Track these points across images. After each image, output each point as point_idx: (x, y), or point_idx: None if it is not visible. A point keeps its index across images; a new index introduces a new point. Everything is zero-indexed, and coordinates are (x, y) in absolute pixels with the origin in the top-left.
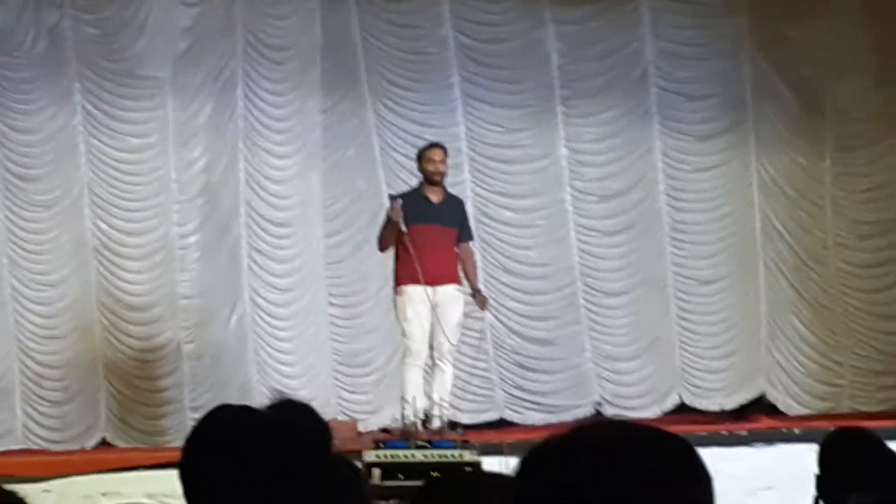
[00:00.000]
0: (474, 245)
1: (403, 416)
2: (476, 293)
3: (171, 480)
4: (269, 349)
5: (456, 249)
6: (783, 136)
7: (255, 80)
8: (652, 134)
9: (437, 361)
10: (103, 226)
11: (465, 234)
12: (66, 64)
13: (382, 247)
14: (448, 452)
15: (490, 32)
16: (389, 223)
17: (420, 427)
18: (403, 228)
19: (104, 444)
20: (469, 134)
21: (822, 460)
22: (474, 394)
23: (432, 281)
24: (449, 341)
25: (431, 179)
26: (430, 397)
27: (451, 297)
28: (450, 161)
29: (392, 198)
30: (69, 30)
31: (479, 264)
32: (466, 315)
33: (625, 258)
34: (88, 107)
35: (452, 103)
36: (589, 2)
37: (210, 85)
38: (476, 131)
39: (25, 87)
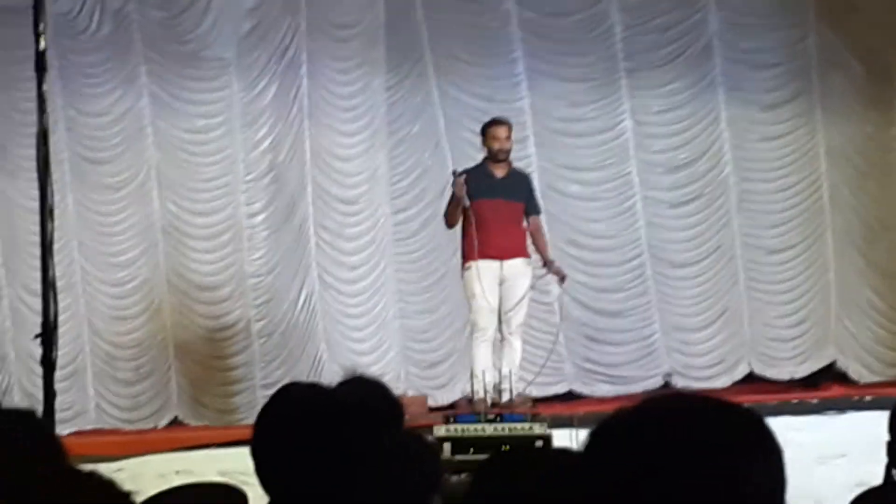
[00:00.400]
0: (543, 219)
1: (473, 391)
2: (549, 265)
3: (243, 458)
4: (338, 326)
5: (524, 224)
6: (849, 104)
7: (320, 59)
8: (717, 104)
9: (507, 335)
10: (172, 207)
11: (532, 208)
12: (131, 47)
13: (449, 222)
14: (518, 425)
15: (553, 5)
16: (454, 198)
17: (490, 401)
18: (467, 203)
19: (176, 422)
20: (534, 108)
21: (893, 426)
22: (544, 367)
23: (499, 255)
24: (518, 315)
25: (496, 157)
26: (499, 371)
27: (519, 271)
28: (514, 136)
29: (455, 174)
30: (134, 13)
31: (547, 238)
32: (535, 288)
33: (692, 229)
34: (155, 89)
35: (516, 78)
36: None
37: (275, 64)
38: (540, 105)
39: (91, 71)
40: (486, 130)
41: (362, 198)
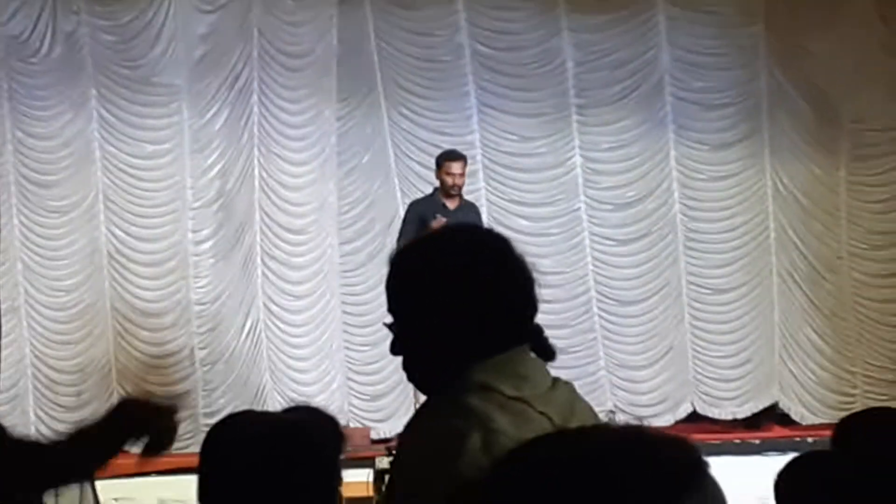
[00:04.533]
0: None
1: None
2: None
3: (184, 486)
4: (282, 355)
5: None
6: (798, 145)
7: (271, 87)
8: (667, 143)
9: None
10: (118, 232)
11: None
12: (82, 70)
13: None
14: None
15: (506, 41)
16: (438, 203)
17: None
18: None
19: None
20: (484, 142)
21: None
22: None
23: None
24: None
25: (448, 191)
26: None
27: None
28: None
29: (412, 204)
30: (86, 36)
31: None
32: None
33: (639, 266)
34: (104, 113)
35: (468, 111)
36: (605, 11)
37: (226, 91)
38: (491, 139)
39: (41, 94)
40: (441, 163)
41: (310, 227)
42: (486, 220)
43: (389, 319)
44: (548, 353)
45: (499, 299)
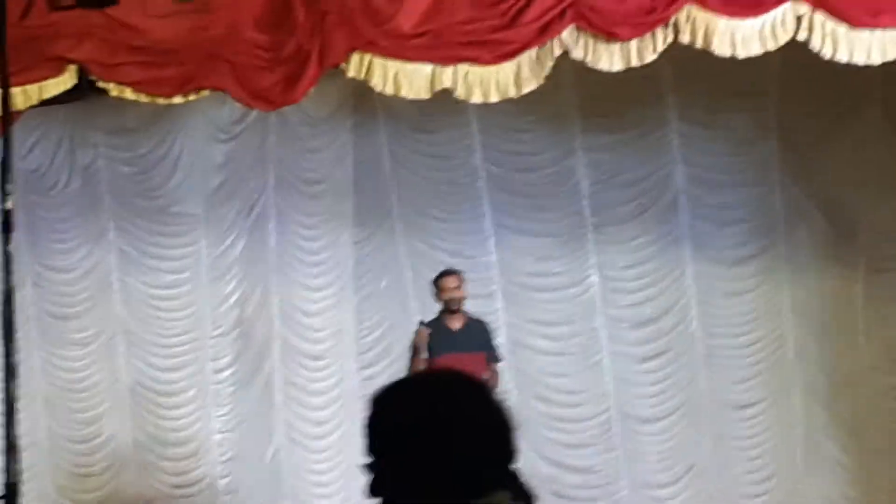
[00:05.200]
0: (503, 366)
1: None
2: None
3: None
4: (304, 483)
5: (486, 374)
6: (815, 259)
7: (288, 214)
8: (683, 259)
9: None
10: (138, 363)
11: (491, 357)
12: (100, 202)
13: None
14: None
15: (520, 161)
16: (415, 351)
17: None
18: (424, 355)
19: None
20: (501, 263)
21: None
22: None
23: None
24: None
25: (449, 307)
26: None
27: None
28: (482, 291)
29: (421, 323)
30: (103, 169)
31: (514, 392)
32: None
33: (659, 384)
34: (123, 244)
35: (484, 233)
36: (619, 130)
37: (243, 219)
38: (508, 260)
39: (60, 227)
40: (437, 283)
41: (329, 353)
42: (505, 341)
43: (367, 460)
44: (526, 497)
45: (478, 446)
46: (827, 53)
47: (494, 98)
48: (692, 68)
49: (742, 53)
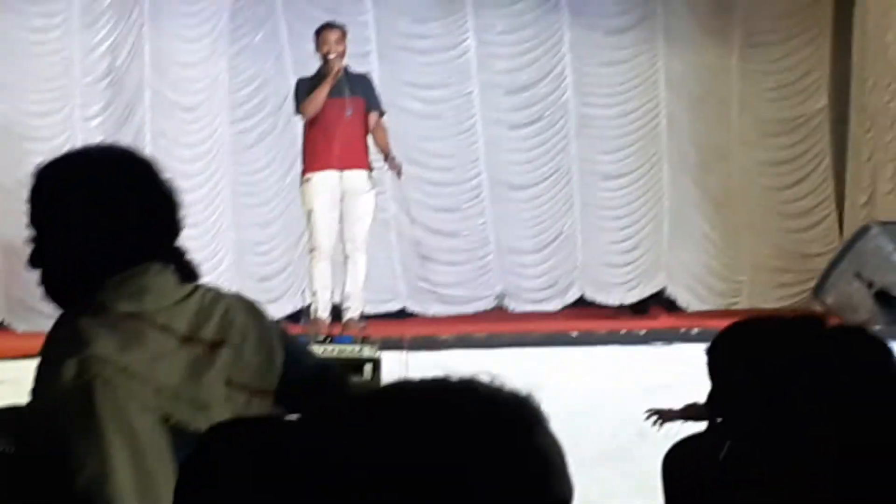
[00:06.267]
0: (386, 120)
1: (310, 311)
2: (390, 159)
3: None
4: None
5: (367, 123)
6: (691, 33)
7: None
8: (561, 27)
9: (350, 252)
10: (4, 107)
11: (373, 104)
12: None
13: (310, 108)
14: (347, 348)
15: None
16: (322, 80)
17: (328, 321)
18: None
19: (1, 327)
20: (378, 22)
21: (713, 373)
22: (377, 284)
23: (341, 165)
24: (361, 231)
25: (331, 64)
26: (341, 290)
27: (361, 185)
28: (358, 50)
29: (300, 81)
30: None
31: (388, 137)
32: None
33: (530, 151)
34: None
35: None
36: None
37: None
38: (385, 20)
39: None
40: (318, 36)
41: (200, 106)
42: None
43: (31, 233)
44: (189, 272)
45: (132, 219)
46: None
47: None
48: None
49: None
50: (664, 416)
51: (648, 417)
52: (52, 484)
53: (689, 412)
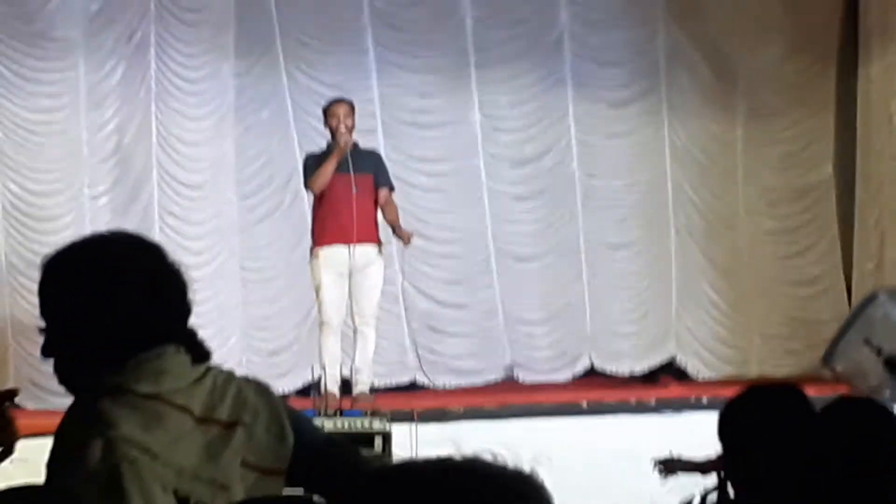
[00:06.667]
0: (394, 196)
1: (320, 385)
2: (397, 229)
3: None
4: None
5: (376, 199)
6: (696, 104)
7: (169, 43)
8: (566, 100)
9: (359, 327)
10: (13, 187)
11: (382, 180)
12: None
13: (317, 184)
14: (358, 421)
15: None
16: (331, 155)
17: (338, 395)
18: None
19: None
20: (383, 98)
21: (724, 436)
22: (387, 357)
23: (349, 239)
24: (370, 305)
25: (340, 138)
26: (351, 364)
27: (370, 259)
28: (363, 126)
29: (308, 157)
30: None
31: (398, 213)
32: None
33: (537, 223)
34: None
35: (367, 68)
36: None
37: (122, 47)
38: (390, 96)
39: None
40: (326, 111)
41: (208, 183)
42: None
43: (43, 323)
44: (201, 353)
45: (143, 305)
46: None
47: None
48: None
49: None
50: (670, 466)
51: (655, 467)
52: None
53: (695, 465)
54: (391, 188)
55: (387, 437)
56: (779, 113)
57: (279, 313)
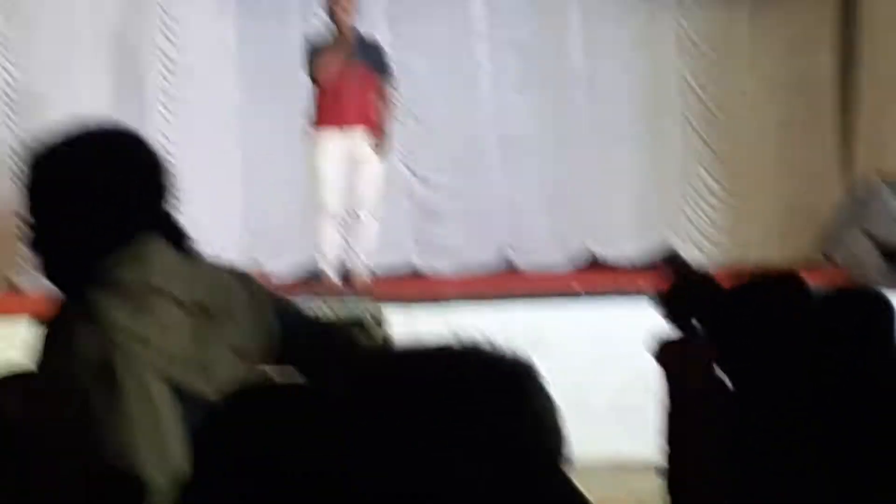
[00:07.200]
0: (390, 85)
1: (318, 269)
2: (380, 135)
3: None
4: (178, 193)
5: (377, 90)
6: None
7: None
8: None
9: (359, 213)
10: (10, 68)
11: (380, 68)
12: None
13: (325, 76)
14: (355, 306)
15: None
16: (334, 44)
17: (336, 280)
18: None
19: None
20: None
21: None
22: (383, 243)
23: (349, 125)
24: (370, 192)
25: (342, 26)
26: (349, 250)
27: (369, 146)
28: (362, 10)
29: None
30: None
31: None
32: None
33: (538, 111)
34: None
35: None
36: None
37: None
38: None
39: None
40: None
41: (207, 67)
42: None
43: (28, 219)
44: (178, 236)
45: (126, 196)
46: None
47: None
48: None
49: None
50: (674, 263)
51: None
52: (66, 449)
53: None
54: (390, 76)
55: (383, 323)
56: (784, 1)
57: (279, 196)
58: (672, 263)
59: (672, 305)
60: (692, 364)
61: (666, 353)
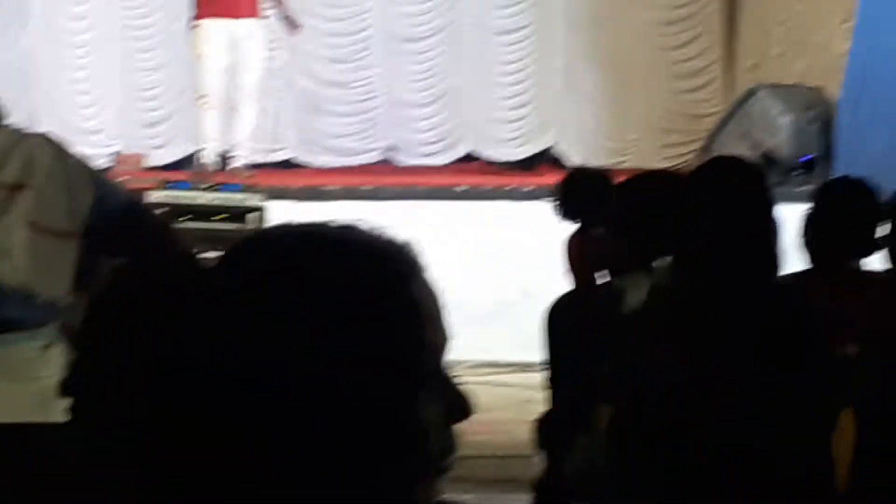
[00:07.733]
0: None
1: (198, 158)
2: (287, 18)
3: None
4: (59, 78)
5: None
6: None
7: None
8: None
9: (238, 102)
10: None
11: None
12: None
13: None
14: (233, 196)
15: None
16: None
17: (215, 169)
18: None
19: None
20: None
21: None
22: (264, 134)
23: (232, 13)
24: (250, 80)
25: None
26: (229, 140)
27: (252, 32)
28: None
29: None
30: None
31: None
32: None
33: (422, 4)
34: None
35: None
36: None
37: None
38: None
39: None
40: None
41: None
42: None
43: None
44: None
45: None
46: None
47: None
48: None
49: None
50: None
51: None
52: None
53: None
54: None
55: (262, 213)
56: None
57: (159, 84)
58: (555, 164)
59: (568, 198)
60: (590, 253)
61: (569, 245)
